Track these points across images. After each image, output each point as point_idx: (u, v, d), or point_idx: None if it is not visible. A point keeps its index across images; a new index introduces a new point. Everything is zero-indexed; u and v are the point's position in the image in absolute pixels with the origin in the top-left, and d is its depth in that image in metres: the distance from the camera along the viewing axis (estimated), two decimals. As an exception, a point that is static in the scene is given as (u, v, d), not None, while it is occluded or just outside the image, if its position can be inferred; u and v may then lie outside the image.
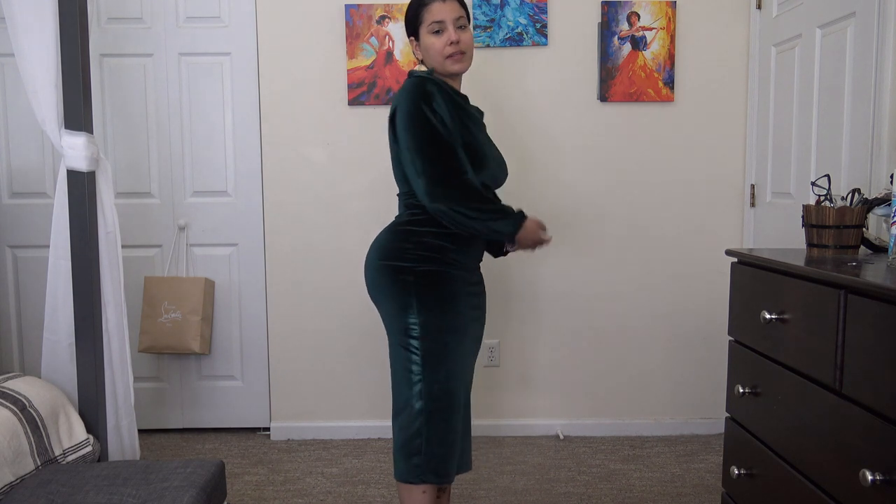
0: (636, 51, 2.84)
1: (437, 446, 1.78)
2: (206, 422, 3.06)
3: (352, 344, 2.95)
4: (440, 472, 1.80)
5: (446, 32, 1.79)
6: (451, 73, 1.83)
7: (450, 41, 1.78)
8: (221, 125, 2.94)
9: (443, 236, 1.79)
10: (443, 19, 1.79)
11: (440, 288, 1.78)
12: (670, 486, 2.50)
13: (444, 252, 1.79)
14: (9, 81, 2.91)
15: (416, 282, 1.77)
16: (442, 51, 1.79)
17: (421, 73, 1.83)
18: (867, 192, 1.89)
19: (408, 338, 1.79)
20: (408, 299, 1.77)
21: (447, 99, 1.77)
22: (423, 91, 1.74)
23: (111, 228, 2.10)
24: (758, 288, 1.62)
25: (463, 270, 1.83)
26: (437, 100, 1.74)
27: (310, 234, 2.93)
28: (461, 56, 1.81)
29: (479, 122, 1.92)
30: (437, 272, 1.78)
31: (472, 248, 1.86)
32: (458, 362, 1.81)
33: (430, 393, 1.77)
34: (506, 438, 2.94)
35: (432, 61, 1.83)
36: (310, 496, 2.45)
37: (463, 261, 1.83)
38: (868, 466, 1.17)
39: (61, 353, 2.10)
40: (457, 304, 1.80)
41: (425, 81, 1.77)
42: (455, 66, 1.81)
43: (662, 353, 2.98)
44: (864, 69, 2.04)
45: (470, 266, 1.87)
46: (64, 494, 1.58)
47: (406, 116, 1.74)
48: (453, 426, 1.81)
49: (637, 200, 2.92)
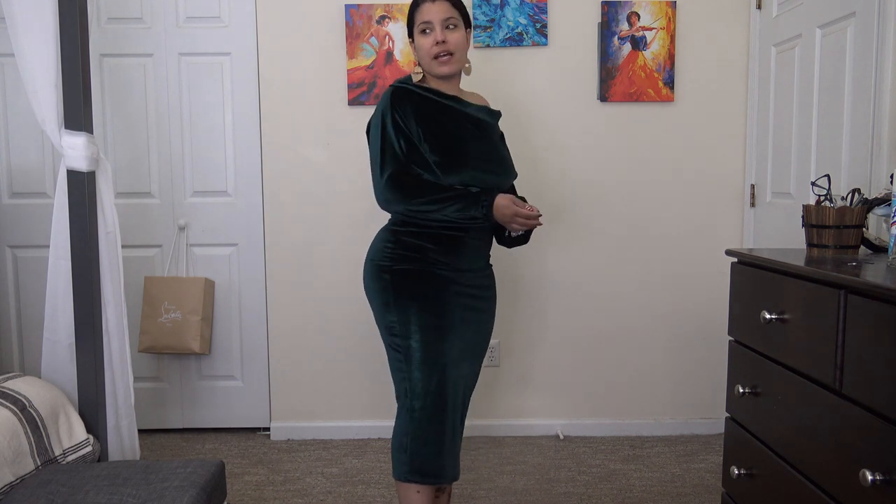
0: (636, 51, 2.84)
1: (421, 445, 1.79)
2: (206, 422, 3.06)
3: (352, 344, 2.95)
4: (424, 471, 1.80)
5: (433, 33, 1.80)
6: (438, 74, 1.85)
7: (435, 41, 1.80)
8: (221, 125, 2.94)
9: (423, 236, 1.80)
10: (430, 20, 1.81)
11: (418, 287, 1.79)
12: (670, 486, 2.50)
13: (423, 252, 1.80)
14: (9, 81, 2.91)
15: (392, 280, 1.80)
16: (429, 51, 1.82)
17: (396, 83, 1.86)
18: (867, 192, 1.89)
19: (391, 336, 1.83)
20: (387, 297, 1.81)
21: (419, 104, 1.80)
22: (387, 101, 1.80)
23: (111, 228, 2.09)
24: (758, 288, 1.62)
25: (451, 271, 1.81)
26: (401, 108, 1.78)
27: (310, 233, 2.93)
28: (448, 58, 1.82)
29: (480, 122, 1.90)
30: (415, 271, 1.80)
31: (462, 248, 1.83)
32: (443, 362, 1.79)
33: (415, 391, 1.79)
34: (506, 438, 2.94)
35: (422, 62, 1.86)
36: (310, 496, 2.45)
37: (449, 261, 1.81)
38: (868, 466, 1.17)
39: (61, 353, 2.10)
40: (439, 305, 1.80)
41: (393, 91, 1.82)
42: (442, 67, 1.83)
43: (662, 353, 2.98)
44: (864, 69, 2.04)
45: (462, 267, 1.84)
46: (64, 494, 1.58)
47: (371, 128, 1.86)
48: (441, 426, 1.80)
49: (637, 200, 2.92)
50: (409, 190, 1.78)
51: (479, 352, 1.94)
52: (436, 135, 1.79)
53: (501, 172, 1.93)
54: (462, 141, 1.83)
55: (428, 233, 1.80)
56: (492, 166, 1.89)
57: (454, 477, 1.87)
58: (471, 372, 1.92)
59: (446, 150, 1.80)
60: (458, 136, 1.82)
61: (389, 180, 1.78)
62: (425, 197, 1.76)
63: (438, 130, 1.80)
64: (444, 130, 1.81)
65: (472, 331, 1.88)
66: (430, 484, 1.83)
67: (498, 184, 1.90)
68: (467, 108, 1.89)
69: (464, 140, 1.83)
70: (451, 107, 1.85)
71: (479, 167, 1.84)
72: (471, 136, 1.86)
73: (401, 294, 1.79)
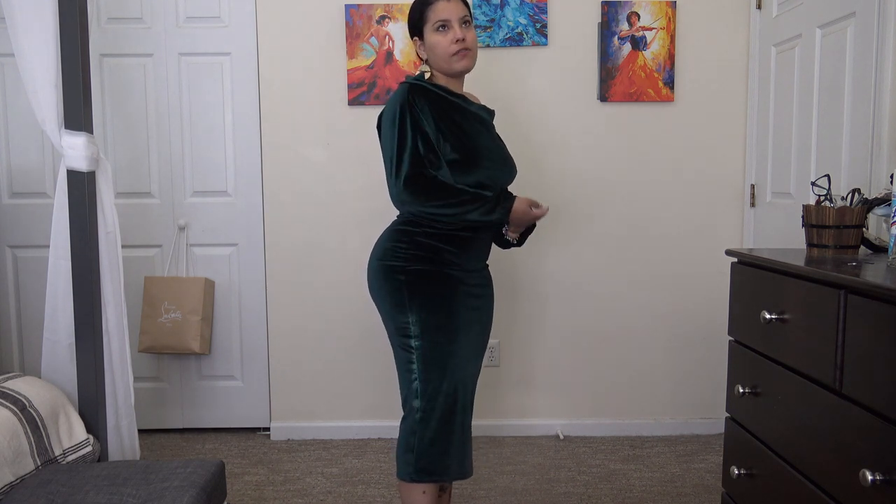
0: (636, 51, 2.84)
1: (430, 444, 1.79)
2: (206, 422, 3.06)
3: (352, 344, 2.95)
4: (432, 470, 1.80)
5: (451, 30, 1.81)
6: (455, 71, 1.85)
7: (455, 39, 1.80)
8: (221, 125, 2.94)
9: (437, 237, 1.79)
10: (448, 17, 1.81)
11: (432, 287, 1.79)
12: (670, 486, 2.50)
13: (438, 252, 1.79)
14: (9, 81, 2.91)
15: (408, 280, 1.78)
16: (448, 48, 1.81)
17: (410, 79, 1.85)
18: (867, 192, 1.89)
19: (403, 337, 1.81)
20: (401, 298, 1.80)
21: (435, 102, 1.79)
22: (405, 98, 1.77)
23: (111, 228, 2.09)
24: (758, 288, 1.62)
25: (461, 271, 1.82)
26: (419, 105, 1.76)
27: (310, 233, 2.93)
28: (466, 53, 1.82)
29: (484, 121, 1.92)
30: (430, 272, 1.79)
31: (472, 248, 1.85)
32: (455, 363, 1.80)
33: (426, 392, 1.79)
34: (506, 438, 2.94)
35: (437, 60, 1.85)
36: (310, 496, 2.45)
37: (461, 261, 1.82)
38: (868, 466, 1.17)
39: (61, 353, 2.10)
40: (451, 305, 1.80)
41: (410, 88, 1.80)
42: (460, 63, 1.83)
43: (662, 353, 2.98)
44: (864, 69, 2.04)
45: (470, 267, 1.85)
46: (64, 494, 1.58)
47: (384, 123, 1.83)
48: (450, 427, 1.80)
49: (637, 200, 2.92)
50: (429, 193, 1.75)
51: (483, 350, 1.95)
52: (455, 134, 1.79)
53: (509, 168, 1.94)
54: (476, 140, 1.84)
55: (442, 232, 1.79)
56: (501, 163, 1.91)
57: (462, 475, 1.86)
58: (476, 370, 1.92)
59: (464, 148, 1.80)
60: (472, 135, 1.83)
61: (408, 181, 1.75)
62: (445, 200, 1.75)
63: (456, 129, 1.80)
64: (460, 129, 1.81)
65: (476, 331, 1.88)
66: (441, 481, 1.84)
67: (507, 182, 1.92)
68: (472, 106, 1.91)
69: (477, 139, 1.84)
70: (462, 106, 1.86)
71: (492, 166, 1.86)
72: (481, 134, 1.87)
73: (415, 295, 1.78)
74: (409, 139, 1.75)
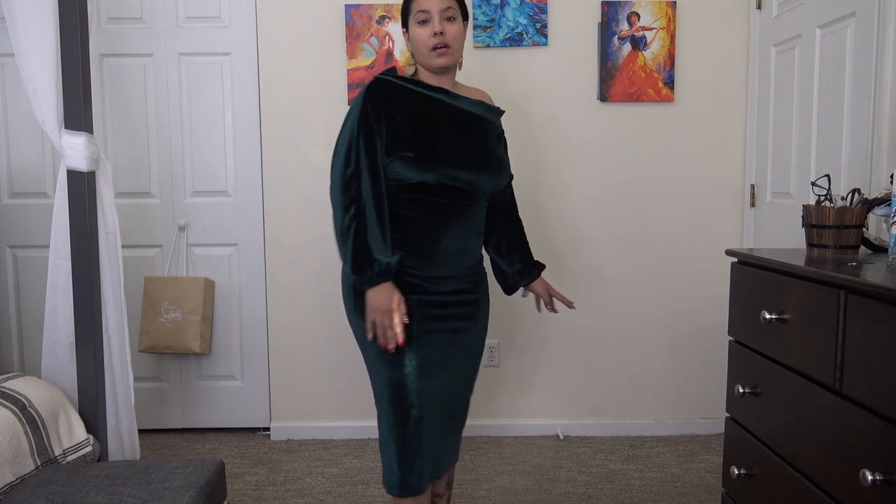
0: (636, 51, 2.83)
1: (384, 454, 1.76)
2: (206, 422, 3.06)
3: (352, 344, 2.93)
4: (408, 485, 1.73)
5: (431, 23, 1.72)
6: (435, 66, 1.75)
7: (433, 32, 1.71)
8: (221, 125, 2.94)
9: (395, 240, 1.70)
10: (428, 9, 1.71)
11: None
12: (670, 486, 2.50)
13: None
14: (9, 81, 2.91)
15: (354, 284, 1.73)
16: (426, 42, 1.72)
17: (378, 75, 1.78)
18: (867, 192, 1.89)
19: (356, 339, 1.82)
20: (348, 301, 1.80)
21: (399, 96, 1.72)
22: (363, 94, 1.72)
23: (111, 228, 2.10)
24: (758, 288, 1.62)
25: (418, 279, 1.72)
26: (378, 101, 1.69)
27: (310, 234, 2.92)
28: (445, 50, 1.72)
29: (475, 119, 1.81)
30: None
31: (432, 254, 1.73)
32: (402, 372, 1.71)
33: (376, 398, 1.78)
34: (505, 438, 2.94)
35: (418, 54, 1.77)
36: (310, 496, 2.45)
37: (416, 267, 1.71)
38: (868, 466, 1.17)
39: (61, 353, 2.10)
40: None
41: (371, 84, 1.73)
42: (439, 59, 1.73)
43: (662, 353, 2.98)
44: (864, 69, 2.04)
45: (431, 274, 1.73)
46: (64, 494, 1.58)
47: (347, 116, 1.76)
48: (402, 437, 1.71)
49: (637, 200, 2.92)
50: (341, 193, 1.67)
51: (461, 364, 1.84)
52: (413, 129, 1.70)
53: (488, 171, 1.80)
54: (441, 136, 1.73)
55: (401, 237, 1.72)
56: (477, 164, 1.76)
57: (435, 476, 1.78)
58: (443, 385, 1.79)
59: (422, 145, 1.70)
60: (437, 131, 1.73)
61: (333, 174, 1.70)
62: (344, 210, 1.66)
63: (418, 124, 1.71)
64: (423, 124, 1.72)
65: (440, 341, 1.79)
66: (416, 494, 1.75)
67: (482, 183, 1.78)
68: (458, 101, 1.79)
69: (443, 135, 1.73)
70: (437, 100, 1.76)
71: (458, 164, 1.72)
72: (455, 130, 1.76)
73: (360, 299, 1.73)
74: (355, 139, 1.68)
